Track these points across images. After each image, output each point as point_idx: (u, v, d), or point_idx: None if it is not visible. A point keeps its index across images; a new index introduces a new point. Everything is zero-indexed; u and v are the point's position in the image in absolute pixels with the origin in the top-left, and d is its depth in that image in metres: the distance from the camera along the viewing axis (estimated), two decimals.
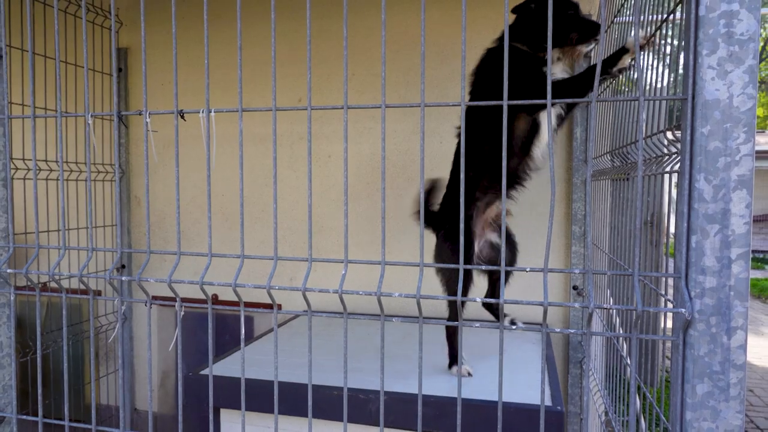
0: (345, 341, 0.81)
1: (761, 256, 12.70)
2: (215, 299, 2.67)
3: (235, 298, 2.67)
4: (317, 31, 2.50)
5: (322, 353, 1.80)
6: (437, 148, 2.36)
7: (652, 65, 1.26)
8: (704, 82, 0.70)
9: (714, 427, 0.72)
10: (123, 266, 2.79)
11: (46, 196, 2.55)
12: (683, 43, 0.75)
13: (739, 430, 0.71)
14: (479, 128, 1.50)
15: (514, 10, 1.52)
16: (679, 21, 0.97)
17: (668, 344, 2.51)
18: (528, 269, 0.76)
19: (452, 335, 1.62)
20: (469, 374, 1.56)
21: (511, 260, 1.71)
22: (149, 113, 0.91)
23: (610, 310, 1.94)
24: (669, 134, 0.96)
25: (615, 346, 1.68)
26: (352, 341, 1.95)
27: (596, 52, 2.10)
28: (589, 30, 1.45)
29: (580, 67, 1.57)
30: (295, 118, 2.56)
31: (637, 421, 1.35)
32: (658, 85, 1.24)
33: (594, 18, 2.24)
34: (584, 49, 1.48)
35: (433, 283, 2.34)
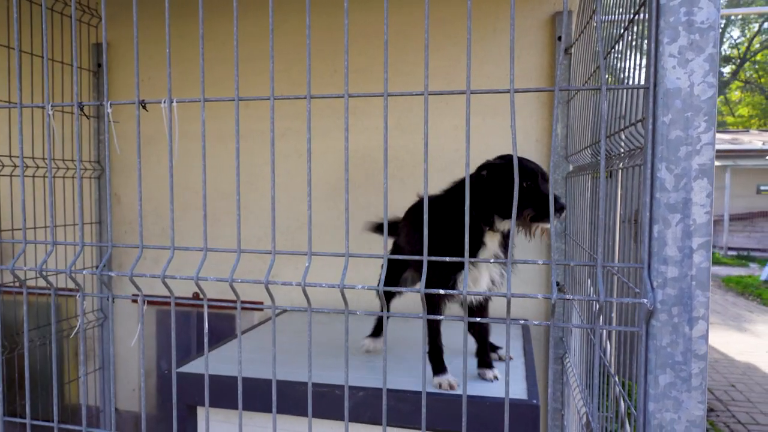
0: (309, 335, 0.79)
1: (745, 254, 12.84)
2: (197, 298, 2.64)
3: (220, 296, 2.65)
4: (303, 27, 2.48)
5: (302, 350, 1.79)
6: (420, 145, 2.35)
7: (630, 58, 1.26)
8: (665, 71, 0.70)
9: (676, 417, 0.71)
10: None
11: (33, 194, 2.51)
12: (646, 32, 0.75)
13: (701, 420, 0.71)
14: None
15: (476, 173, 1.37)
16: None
17: None
18: (491, 261, 0.75)
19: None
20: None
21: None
22: (110, 104, 0.89)
23: (593, 305, 1.94)
24: (640, 126, 0.96)
25: (592, 341, 1.68)
26: (330, 338, 1.94)
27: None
28: (545, 208, 1.23)
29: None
30: (279, 114, 2.54)
31: (616, 414, 1.35)
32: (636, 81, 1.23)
33: (575, 17, 2.24)
34: (545, 225, 1.24)
35: None
